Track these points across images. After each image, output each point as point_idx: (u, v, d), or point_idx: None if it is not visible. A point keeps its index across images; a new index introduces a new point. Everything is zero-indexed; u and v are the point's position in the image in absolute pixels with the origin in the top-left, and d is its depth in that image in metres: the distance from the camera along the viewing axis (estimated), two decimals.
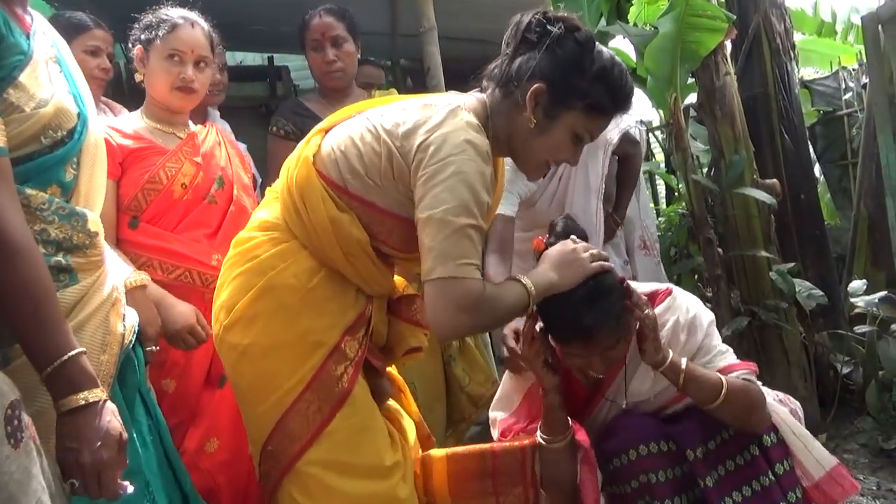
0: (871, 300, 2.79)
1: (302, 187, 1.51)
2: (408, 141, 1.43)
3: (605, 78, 1.47)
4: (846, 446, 2.84)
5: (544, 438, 1.65)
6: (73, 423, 1.14)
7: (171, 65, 1.92)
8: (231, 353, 1.56)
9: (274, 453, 1.52)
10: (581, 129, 1.50)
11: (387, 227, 1.52)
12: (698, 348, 1.67)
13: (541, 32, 1.47)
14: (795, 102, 3.39)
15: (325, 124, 1.61)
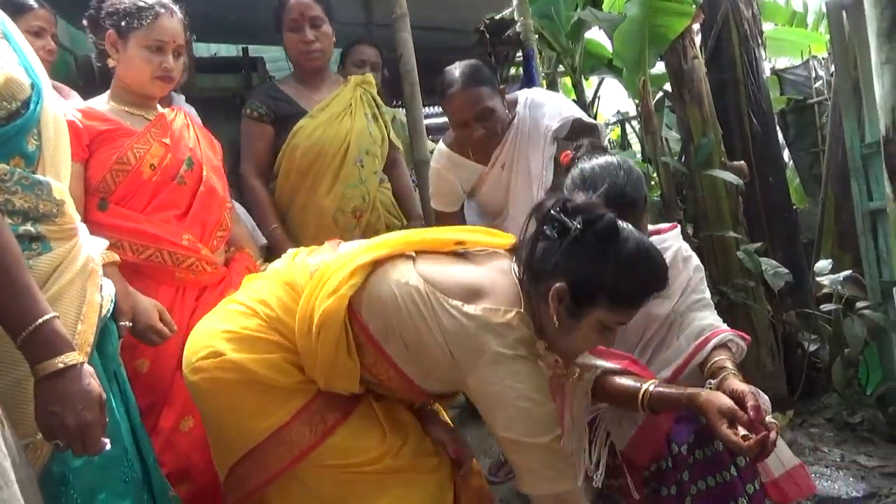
0: (835, 279, 2.85)
1: (325, 321, 1.45)
2: (465, 348, 1.40)
3: (630, 269, 1.41)
4: (813, 421, 2.91)
5: None
6: (53, 386, 1.15)
7: (152, 54, 1.93)
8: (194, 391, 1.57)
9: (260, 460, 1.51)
10: (609, 322, 1.45)
11: (392, 379, 1.51)
12: (689, 280, 1.80)
13: (559, 228, 1.43)
14: (763, 87, 3.45)
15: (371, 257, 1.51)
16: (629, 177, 1.71)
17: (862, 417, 2.82)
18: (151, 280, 1.92)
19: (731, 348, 1.71)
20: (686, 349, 1.74)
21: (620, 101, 8.53)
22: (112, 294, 1.55)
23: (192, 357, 1.55)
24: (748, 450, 1.35)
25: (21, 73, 1.31)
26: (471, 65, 2.34)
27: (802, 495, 1.65)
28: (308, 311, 1.49)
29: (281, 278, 1.61)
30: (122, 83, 2.00)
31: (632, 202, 1.68)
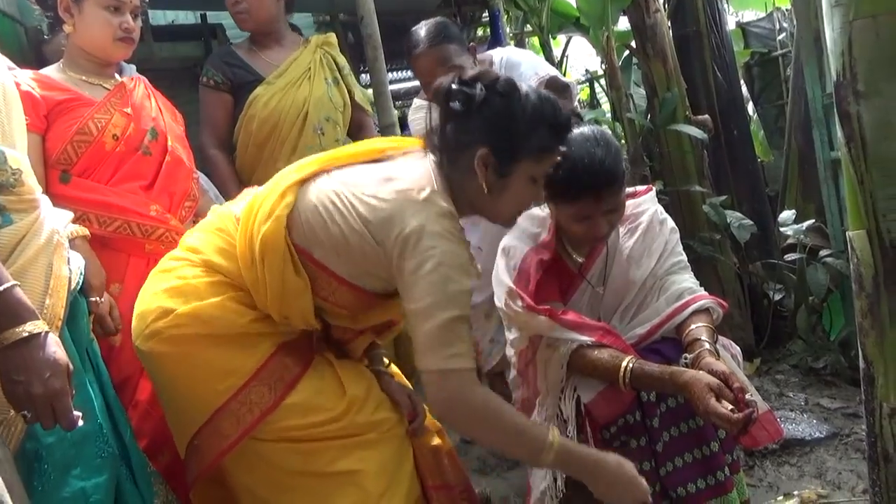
0: (798, 229, 2.91)
1: (266, 245, 1.47)
2: (383, 234, 1.42)
3: (540, 119, 1.47)
4: (778, 367, 2.99)
5: None
6: (18, 355, 1.15)
7: (111, 15, 1.90)
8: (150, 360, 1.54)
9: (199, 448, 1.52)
10: (536, 173, 1.50)
11: (342, 293, 1.52)
12: (665, 242, 1.83)
13: (464, 100, 1.45)
14: (727, 40, 3.47)
15: (299, 175, 1.54)
16: (608, 150, 1.70)
17: (825, 362, 2.91)
18: (121, 252, 1.90)
19: (710, 314, 1.75)
20: (665, 310, 1.77)
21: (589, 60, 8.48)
22: (81, 267, 1.53)
23: (143, 325, 1.53)
24: (736, 422, 1.41)
25: None
26: (437, 22, 2.31)
27: (771, 439, 1.71)
28: (248, 242, 1.50)
29: (211, 227, 1.62)
30: (78, 50, 1.94)
31: (611, 178, 1.69)
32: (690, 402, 1.52)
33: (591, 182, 1.67)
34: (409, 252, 1.39)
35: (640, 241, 1.87)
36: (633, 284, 1.85)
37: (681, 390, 1.54)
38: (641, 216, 1.89)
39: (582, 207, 1.71)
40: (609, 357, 1.66)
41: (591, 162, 1.67)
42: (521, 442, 1.45)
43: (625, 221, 1.88)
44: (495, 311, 2.71)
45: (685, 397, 1.54)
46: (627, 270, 1.85)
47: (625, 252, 1.86)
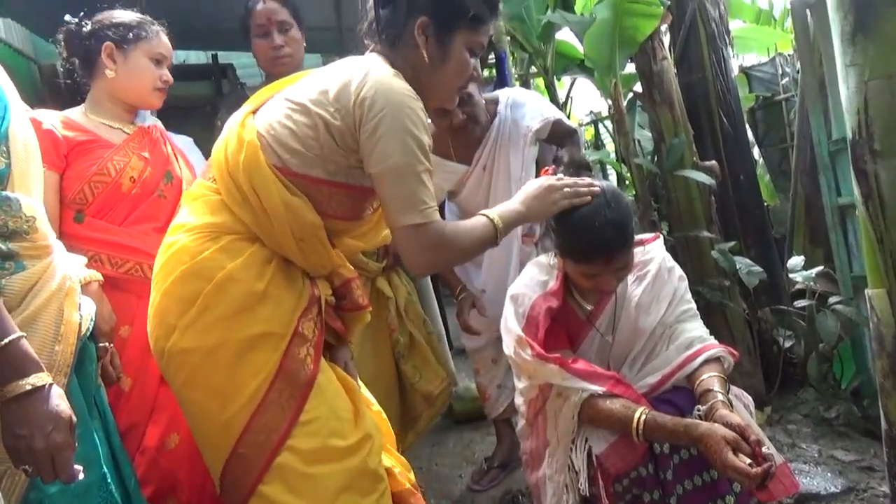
0: (808, 275, 2.88)
1: (250, 172, 1.49)
2: (341, 103, 1.45)
3: None
4: (790, 417, 2.94)
5: None
6: (20, 409, 1.13)
7: (155, 67, 2.01)
8: (188, 359, 1.48)
9: (246, 456, 1.46)
10: (473, 43, 1.58)
11: (336, 199, 1.55)
12: (675, 290, 1.84)
13: None
14: (732, 86, 3.49)
15: (252, 105, 1.61)
16: (619, 212, 1.71)
17: (837, 412, 2.86)
18: (131, 294, 1.89)
19: (722, 363, 1.74)
20: (675, 359, 1.76)
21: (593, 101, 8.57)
22: (91, 313, 1.51)
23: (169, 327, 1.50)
24: (755, 477, 1.39)
25: None
26: None
27: (788, 493, 1.67)
28: (232, 181, 1.53)
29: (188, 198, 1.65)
30: (107, 94, 2.00)
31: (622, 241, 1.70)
32: (706, 455, 1.49)
33: (602, 245, 1.68)
34: (366, 114, 1.43)
35: (649, 289, 1.86)
36: (642, 333, 1.84)
37: (696, 443, 1.52)
38: (650, 264, 1.89)
39: (591, 267, 1.73)
40: (621, 407, 1.65)
41: (602, 224, 1.68)
42: (483, 244, 1.61)
43: (633, 269, 1.88)
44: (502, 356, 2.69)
45: (700, 450, 1.52)
46: (636, 319, 1.85)
47: (633, 300, 1.86)
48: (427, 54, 1.54)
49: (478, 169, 2.49)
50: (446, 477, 2.92)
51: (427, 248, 1.49)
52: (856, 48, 1.33)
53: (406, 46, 1.55)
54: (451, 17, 1.54)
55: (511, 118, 2.48)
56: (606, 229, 1.67)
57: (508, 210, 1.67)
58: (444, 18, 1.53)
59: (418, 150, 1.44)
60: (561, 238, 1.76)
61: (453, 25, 1.54)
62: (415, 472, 1.77)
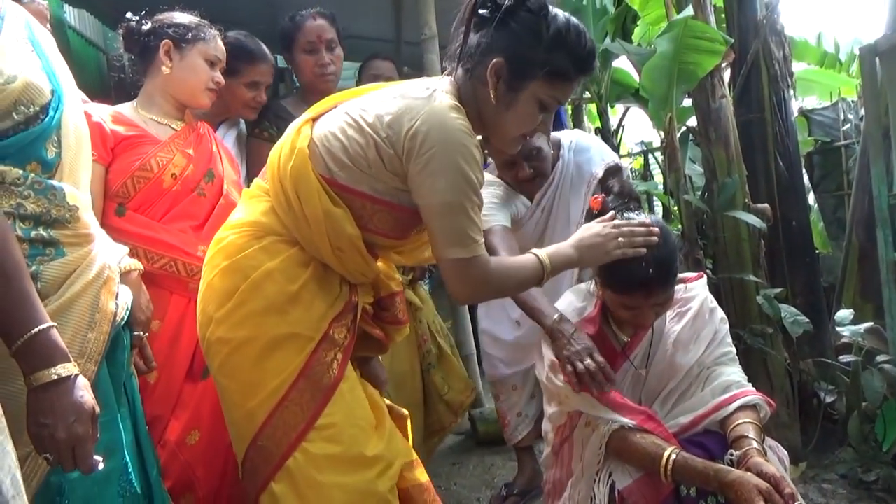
0: (856, 330, 2.78)
1: (297, 179, 1.52)
2: (393, 130, 1.45)
3: (562, 42, 1.47)
4: (825, 476, 2.82)
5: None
6: (46, 398, 1.14)
7: (210, 68, 2.07)
8: (221, 349, 1.55)
9: (265, 448, 1.51)
10: (546, 96, 1.51)
11: (379, 215, 1.56)
12: (715, 332, 1.80)
13: (492, 7, 1.48)
14: (791, 129, 3.40)
15: (313, 113, 1.62)
16: (664, 247, 1.70)
17: (877, 476, 2.74)
18: (164, 290, 1.91)
19: (758, 411, 1.69)
20: (710, 401, 1.72)
21: (644, 131, 8.49)
22: (128, 303, 1.54)
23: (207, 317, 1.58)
24: None
25: (42, 78, 1.32)
26: None
27: None
28: (280, 185, 1.55)
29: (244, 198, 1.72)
30: (160, 91, 2.04)
31: (664, 277, 1.69)
32: (737, 502, 1.43)
33: (644, 280, 1.66)
34: (418, 149, 1.41)
35: (689, 327, 1.82)
36: (677, 370, 1.80)
37: (726, 489, 1.46)
38: (691, 301, 1.86)
39: (631, 299, 1.71)
40: (651, 444, 1.61)
41: (647, 260, 1.66)
42: (530, 281, 1.60)
43: (674, 305, 1.86)
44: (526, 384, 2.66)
45: (730, 498, 1.46)
46: (673, 355, 1.81)
47: (671, 336, 1.82)
48: (494, 96, 1.48)
49: (538, 211, 2.47)
50: (464, 499, 2.88)
51: (471, 282, 1.50)
52: None
53: (478, 81, 1.51)
54: (525, 64, 1.47)
55: (574, 162, 2.46)
56: (650, 264, 1.66)
57: (560, 253, 1.64)
58: (519, 64, 1.47)
59: (468, 186, 1.43)
60: (604, 268, 1.74)
61: (526, 74, 1.47)
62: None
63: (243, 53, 2.38)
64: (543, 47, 1.46)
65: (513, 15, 1.46)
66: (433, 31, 3.20)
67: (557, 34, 1.47)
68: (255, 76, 2.45)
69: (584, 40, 1.50)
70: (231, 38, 2.28)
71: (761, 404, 1.70)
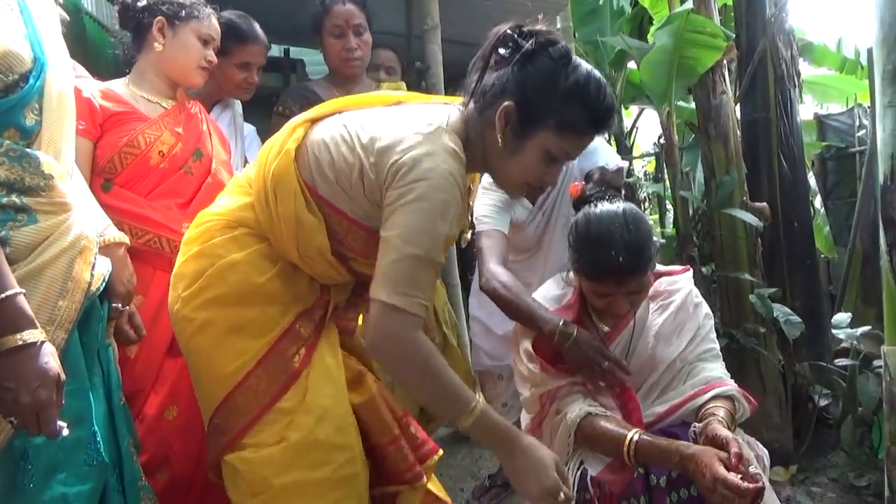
0: (852, 333, 2.74)
1: (277, 179, 1.49)
2: (381, 158, 1.39)
3: (579, 94, 1.40)
4: (816, 479, 2.79)
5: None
6: (10, 362, 1.16)
7: (203, 46, 2.07)
8: (186, 327, 1.57)
9: (219, 427, 1.53)
10: (555, 148, 1.43)
11: (353, 234, 1.51)
12: (699, 327, 1.79)
13: (513, 48, 1.42)
14: (796, 130, 3.36)
15: (311, 115, 1.56)
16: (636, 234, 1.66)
17: (869, 481, 2.70)
18: (148, 265, 1.93)
19: (734, 402, 1.68)
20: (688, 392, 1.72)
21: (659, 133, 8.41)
22: (105, 273, 1.54)
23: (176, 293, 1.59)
24: (745, 492, 1.33)
25: (24, 46, 1.32)
26: None
27: None
28: (262, 180, 1.53)
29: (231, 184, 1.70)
30: (152, 68, 2.05)
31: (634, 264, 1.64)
32: (695, 475, 1.42)
33: (614, 267, 1.64)
34: (397, 181, 1.35)
35: (672, 320, 1.82)
36: (658, 363, 1.79)
37: (687, 462, 1.45)
38: (675, 294, 1.84)
39: (602, 287, 1.70)
40: (615, 429, 1.61)
41: (616, 246, 1.63)
42: (447, 397, 1.38)
43: (657, 298, 1.84)
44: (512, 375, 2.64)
45: (691, 470, 1.44)
46: (655, 347, 1.80)
47: (653, 329, 1.81)
48: (500, 140, 1.41)
49: (539, 215, 2.44)
50: (449, 489, 2.85)
51: (387, 334, 1.35)
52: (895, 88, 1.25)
53: (487, 122, 1.44)
54: (536, 112, 1.40)
55: (578, 167, 2.37)
56: (621, 252, 1.63)
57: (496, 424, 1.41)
58: (529, 111, 1.39)
59: (433, 242, 1.34)
60: (576, 255, 1.73)
61: (536, 122, 1.40)
62: None
63: (234, 34, 2.36)
64: (558, 97, 1.39)
65: (532, 59, 1.40)
66: (435, 22, 3.21)
67: (575, 85, 1.40)
68: (247, 57, 2.45)
69: (602, 95, 1.43)
70: (224, 17, 2.27)
71: (738, 398, 1.69)
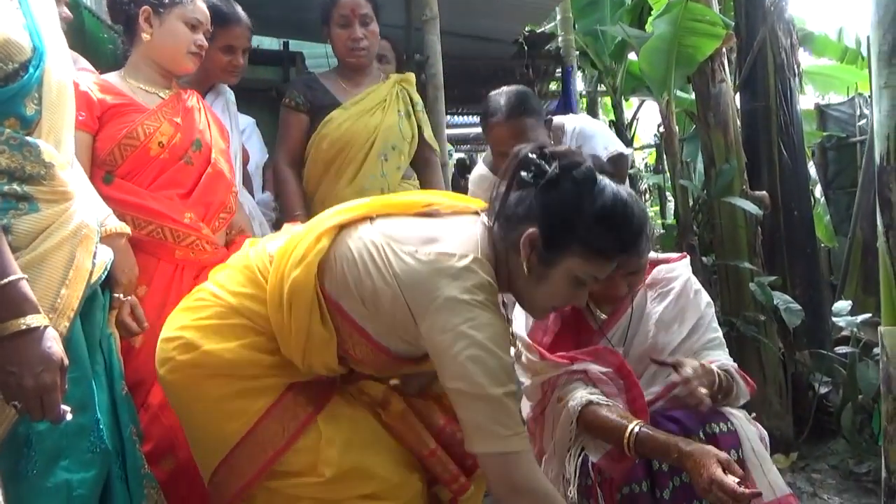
0: (852, 320, 2.75)
1: (294, 290, 1.42)
2: (415, 295, 1.35)
3: (605, 219, 1.37)
4: (816, 466, 2.81)
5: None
6: (13, 347, 1.16)
7: (190, 31, 2.04)
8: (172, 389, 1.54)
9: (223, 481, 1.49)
10: (582, 274, 1.39)
11: (361, 347, 1.47)
12: (700, 316, 1.79)
13: (536, 172, 1.39)
14: (796, 119, 3.36)
15: (341, 219, 1.48)
16: None
17: (869, 468, 2.71)
18: (151, 256, 1.94)
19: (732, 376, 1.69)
20: None
21: None
22: (106, 262, 1.55)
23: (165, 353, 1.52)
24: (741, 497, 1.33)
25: (23, 35, 1.33)
26: (518, 93, 2.24)
27: None
28: (278, 284, 1.45)
29: (240, 264, 1.58)
30: (144, 58, 2.05)
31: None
32: (692, 472, 1.42)
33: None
34: (442, 325, 1.31)
35: (672, 307, 1.82)
36: (659, 350, 1.79)
37: (685, 459, 1.45)
38: (674, 281, 1.85)
39: None
40: (617, 419, 1.60)
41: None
42: None
43: (655, 286, 1.84)
44: None
45: (688, 467, 1.45)
46: (655, 336, 1.80)
47: (653, 317, 1.82)
48: (526, 267, 1.37)
49: None
50: None
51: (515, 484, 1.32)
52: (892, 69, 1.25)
53: (512, 247, 1.39)
54: (561, 239, 1.36)
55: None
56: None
57: None
58: (554, 238, 1.36)
59: (501, 371, 1.31)
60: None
61: (562, 249, 1.36)
62: None
63: (216, 17, 2.28)
64: (584, 223, 1.36)
65: (555, 184, 1.37)
66: (434, 13, 3.21)
67: (601, 210, 1.37)
68: (230, 40, 2.42)
69: (631, 219, 1.41)
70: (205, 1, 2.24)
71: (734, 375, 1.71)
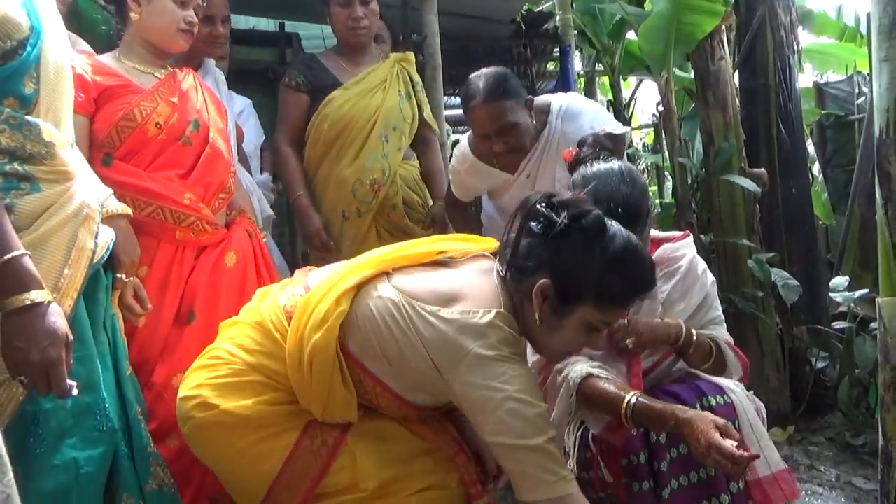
0: (849, 296, 2.77)
1: (315, 352, 1.42)
2: (443, 355, 1.37)
3: (616, 268, 1.38)
4: (813, 439, 2.84)
5: None
6: (20, 322, 1.18)
7: (178, 8, 2.00)
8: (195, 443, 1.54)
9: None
10: (595, 321, 1.41)
11: (384, 398, 1.48)
12: (707, 295, 1.82)
13: (545, 223, 1.40)
14: (795, 97, 3.36)
15: (358, 278, 1.48)
16: (633, 188, 1.67)
17: (865, 440, 2.75)
18: (152, 237, 1.94)
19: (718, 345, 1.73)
20: None
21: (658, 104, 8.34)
22: (108, 242, 1.56)
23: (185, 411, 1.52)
24: (739, 460, 1.35)
25: (20, 14, 1.33)
26: (496, 75, 2.21)
27: (786, 499, 1.62)
28: (297, 344, 1.45)
29: (252, 320, 1.57)
30: (137, 38, 2.03)
31: (634, 215, 1.64)
32: (690, 438, 1.44)
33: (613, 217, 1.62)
34: (474, 383, 1.34)
35: (680, 286, 1.83)
36: None
37: (683, 426, 1.46)
38: (680, 260, 1.85)
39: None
40: (614, 390, 1.61)
41: (616, 199, 1.64)
42: None
43: (661, 265, 1.84)
44: None
45: (686, 434, 1.46)
46: (663, 315, 1.80)
47: (661, 296, 1.82)
48: (539, 317, 1.39)
49: (521, 177, 2.37)
50: None
51: None
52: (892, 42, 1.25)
53: (525, 296, 1.41)
54: (575, 291, 1.38)
55: (562, 130, 2.30)
56: (619, 204, 1.62)
57: None
58: (566, 288, 1.38)
59: (540, 419, 1.35)
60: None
61: (575, 299, 1.38)
62: None
63: None
64: (595, 272, 1.37)
65: (565, 234, 1.38)
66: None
67: (612, 258, 1.38)
68: (207, 10, 2.35)
69: (641, 264, 1.43)
70: None
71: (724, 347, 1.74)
